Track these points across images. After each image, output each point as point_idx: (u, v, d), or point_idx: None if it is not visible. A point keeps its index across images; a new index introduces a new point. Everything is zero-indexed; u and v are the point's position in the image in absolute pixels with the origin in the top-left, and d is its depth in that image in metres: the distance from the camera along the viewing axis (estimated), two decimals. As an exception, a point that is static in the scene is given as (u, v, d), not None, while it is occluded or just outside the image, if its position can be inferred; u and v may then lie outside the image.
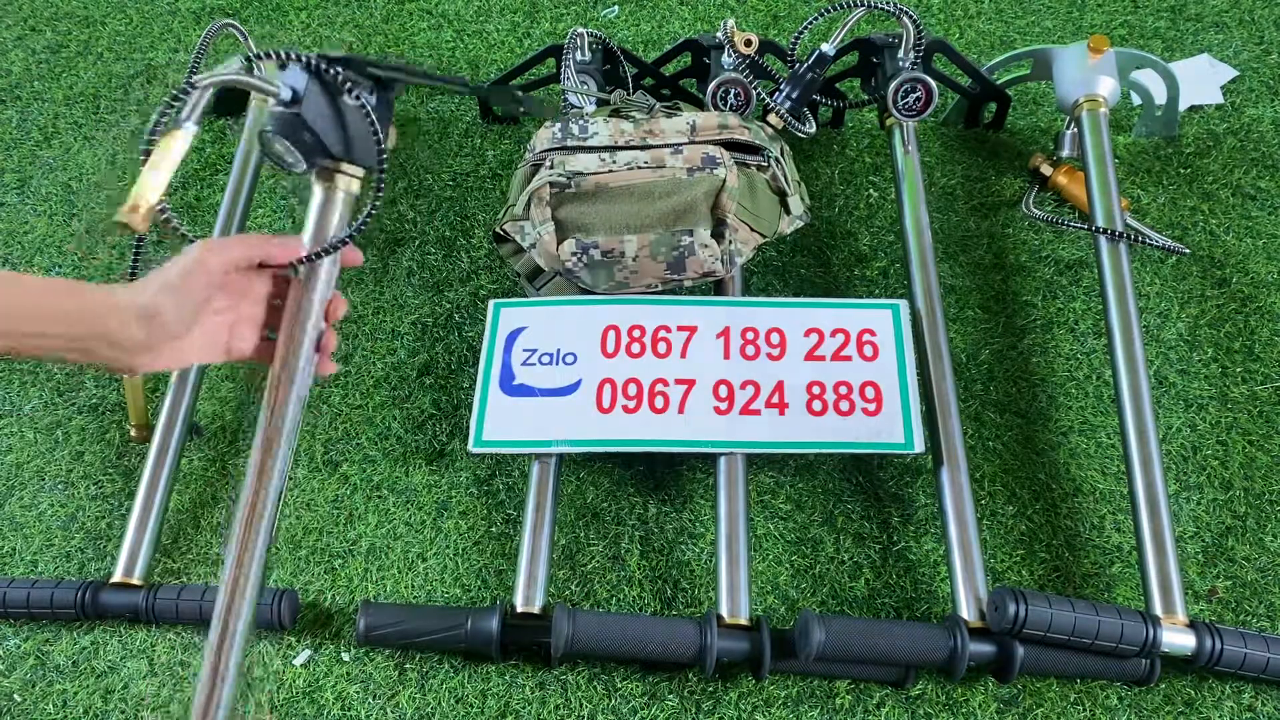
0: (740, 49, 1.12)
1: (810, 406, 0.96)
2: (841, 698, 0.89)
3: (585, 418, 0.96)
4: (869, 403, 0.96)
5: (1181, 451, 1.03)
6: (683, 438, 0.95)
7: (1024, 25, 1.42)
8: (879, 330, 1.00)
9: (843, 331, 0.99)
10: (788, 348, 0.99)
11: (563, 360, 0.99)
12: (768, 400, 0.96)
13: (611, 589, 0.96)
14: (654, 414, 0.96)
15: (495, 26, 1.46)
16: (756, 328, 1.00)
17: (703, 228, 0.99)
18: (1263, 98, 1.31)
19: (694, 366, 0.98)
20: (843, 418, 0.95)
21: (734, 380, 0.97)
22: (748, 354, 0.99)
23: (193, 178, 1.29)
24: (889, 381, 0.97)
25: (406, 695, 0.90)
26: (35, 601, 0.92)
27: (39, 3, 1.52)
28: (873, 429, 0.95)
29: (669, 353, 0.99)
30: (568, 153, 1.02)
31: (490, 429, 0.96)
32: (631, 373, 0.98)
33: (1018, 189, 1.25)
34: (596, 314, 1.01)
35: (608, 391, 0.97)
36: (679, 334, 1.00)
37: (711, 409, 0.96)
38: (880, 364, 0.98)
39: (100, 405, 1.09)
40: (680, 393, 0.97)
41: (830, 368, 0.98)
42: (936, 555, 0.98)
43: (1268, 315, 1.12)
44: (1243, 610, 0.93)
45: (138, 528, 0.94)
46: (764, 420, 0.95)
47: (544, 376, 0.98)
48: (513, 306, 1.03)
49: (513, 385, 0.99)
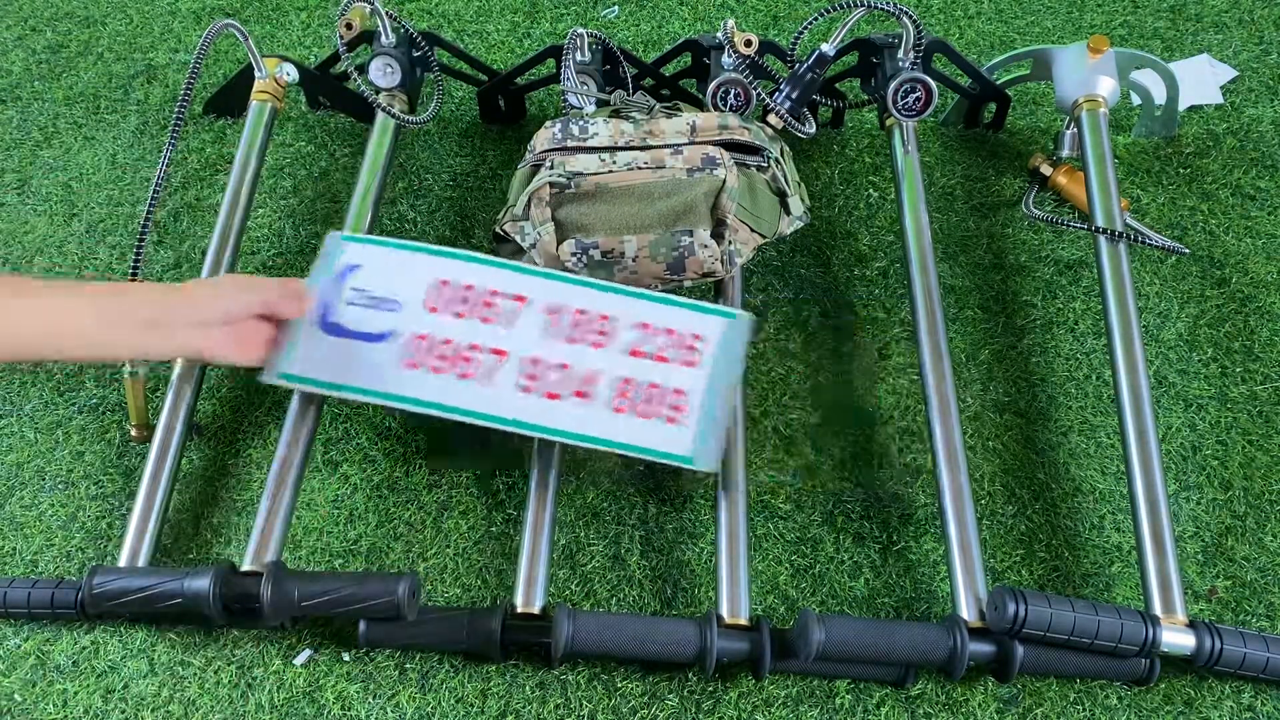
0: (740, 49, 1.12)
1: (614, 402, 0.92)
2: (841, 697, 0.89)
3: (389, 369, 0.93)
4: (672, 410, 0.91)
5: (1181, 451, 1.03)
6: (477, 409, 0.92)
7: (1024, 25, 1.42)
8: (707, 338, 0.95)
9: (671, 331, 0.95)
10: (613, 338, 0.94)
11: (385, 306, 0.96)
12: (574, 388, 0.92)
13: (611, 589, 0.97)
14: (457, 379, 0.93)
15: (495, 26, 1.46)
16: (588, 310, 0.95)
17: (702, 228, 0.99)
18: (1262, 98, 1.31)
19: (513, 338, 0.94)
20: (641, 420, 0.91)
21: (548, 360, 0.93)
22: (571, 336, 0.95)
23: (193, 178, 1.29)
24: (697, 392, 0.92)
25: (406, 695, 0.90)
26: (36, 601, 0.92)
27: (39, 3, 1.52)
28: (665, 438, 0.90)
29: (493, 319, 0.95)
30: (568, 153, 1.02)
31: (293, 362, 0.93)
32: (449, 333, 0.94)
33: (1017, 189, 1.25)
34: (433, 265, 0.98)
35: (420, 347, 0.94)
36: (510, 302, 0.96)
37: (515, 385, 0.92)
38: (697, 373, 0.93)
39: (100, 405, 1.09)
40: (491, 362, 0.93)
41: (647, 366, 0.93)
42: (936, 555, 0.98)
43: (1267, 315, 1.12)
44: (1242, 610, 0.93)
45: (138, 528, 0.94)
46: (563, 406, 0.92)
47: (362, 319, 0.95)
48: (355, 242, 1.00)
49: (329, 323, 0.95)
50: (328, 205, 1.27)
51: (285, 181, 1.29)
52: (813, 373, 1.10)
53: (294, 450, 0.96)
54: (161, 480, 0.97)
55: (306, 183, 1.29)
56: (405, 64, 1.20)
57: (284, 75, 1.23)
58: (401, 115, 1.18)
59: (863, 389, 1.09)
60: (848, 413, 1.07)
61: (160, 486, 0.97)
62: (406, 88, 1.22)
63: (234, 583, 0.88)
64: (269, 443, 1.06)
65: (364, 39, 1.22)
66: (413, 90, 1.24)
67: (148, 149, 1.33)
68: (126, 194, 1.28)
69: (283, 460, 0.96)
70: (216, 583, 0.86)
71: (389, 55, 1.20)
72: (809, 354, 1.12)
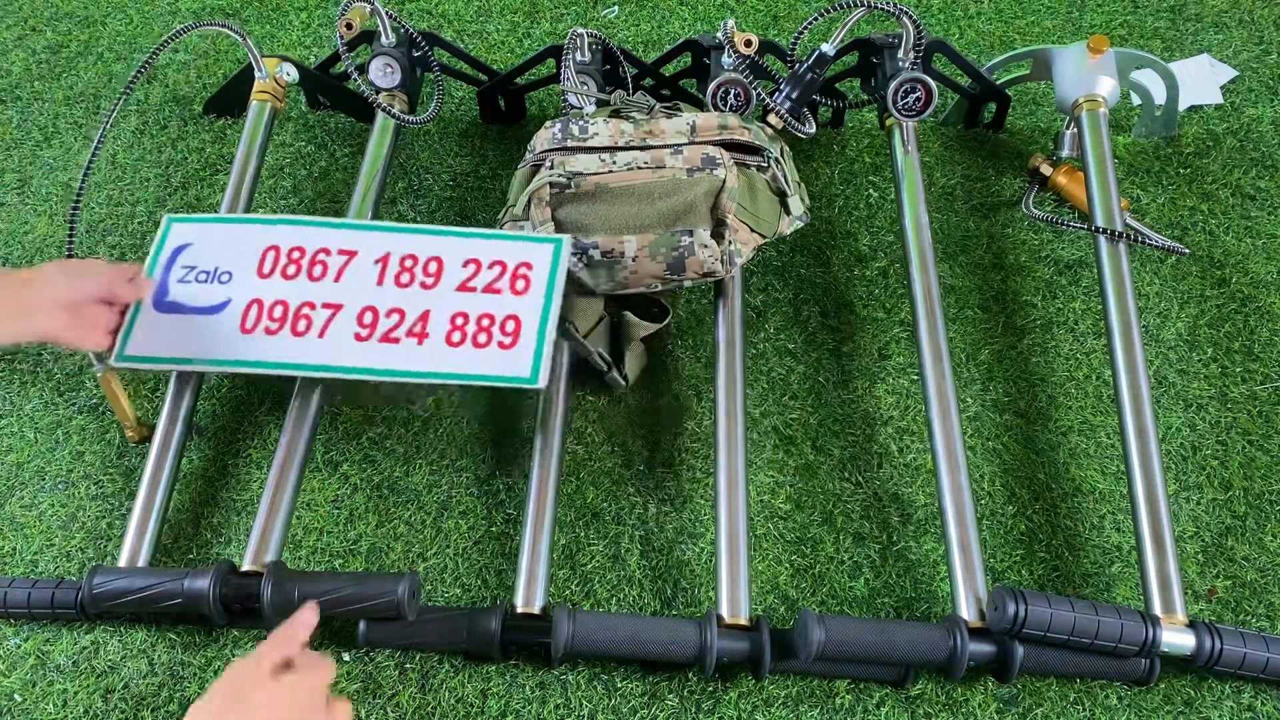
0: (740, 49, 1.12)
1: (450, 337, 0.95)
2: (841, 697, 0.89)
3: (227, 338, 0.96)
4: (506, 336, 0.94)
5: (1181, 451, 1.03)
6: (317, 362, 0.95)
7: (1024, 25, 1.42)
8: (536, 265, 0.97)
9: (500, 264, 0.98)
10: (443, 277, 0.97)
11: (217, 279, 0.99)
12: (409, 329, 0.95)
13: (611, 589, 0.97)
14: (294, 337, 0.96)
15: (495, 26, 1.46)
16: (417, 255, 0.99)
17: (702, 228, 0.99)
18: (1262, 98, 1.31)
19: (345, 291, 0.97)
20: (478, 350, 0.94)
21: (381, 308, 0.96)
22: (402, 281, 0.97)
23: (193, 178, 1.29)
24: (531, 316, 0.95)
25: (407, 695, 0.90)
26: (36, 602, 0.92)
27: (39, 3, 1.52)
28: (503, 362, 0.93)
29: (323, 276, 0.98)
30: (568, 153, 1.02)
31: (135, 344, 0.97)
32: (281, 294, 0.97)
33: (1017, 189, 1.25)
34: (260, 234, 1.01)
35: (254, 312, 0.97)
36: (338, 258, 0.99)
37: (352, 335, 0.95)
38: (528, 299, 0.96)
39: (100, 405, 1.09)
40: (325, 317, 0.96)
41: (479, 299, 0.96)
42: (936, 555, 0.98)
43: (1267, 315, 1.12)
44: (1242, 610, 0.93)
45: (138, 528, 0.94)
46: (401, 349, 0.95)
47: (196, 294, 0.98)
48: (184, 222, 1.03)
49: (165, 301, 0.98)
50: (328, 205, 1.27)
51: (285, 181, 1.29)
52: (812, 372, 1.10)
53: (294, 450, 0.96)
54: (161, 480, 0.97)
55: (306, 183, 1.29)
56: (405, 64, 1.20)
57: (284, 75, 1.23)
58: (402, 115, 1.18)
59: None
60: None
61: (160, 487, 0.97)
62: (407, 87, 1.22)
63: (234, 583, 0.88)
64: (269, 443, 1.06)
65: (364, 39, 1.22)
66: (413, 90, 1.24)
67: (148, 149, 1.33)
68: (126, 194, 1.28)
69: (283, 460, 0.96)
70: (216, 583, 0.86)
71: (389, 55, 1.20)
72: (809, 354, 1.12)
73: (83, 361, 1.12)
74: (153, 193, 1.28)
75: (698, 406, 1.08)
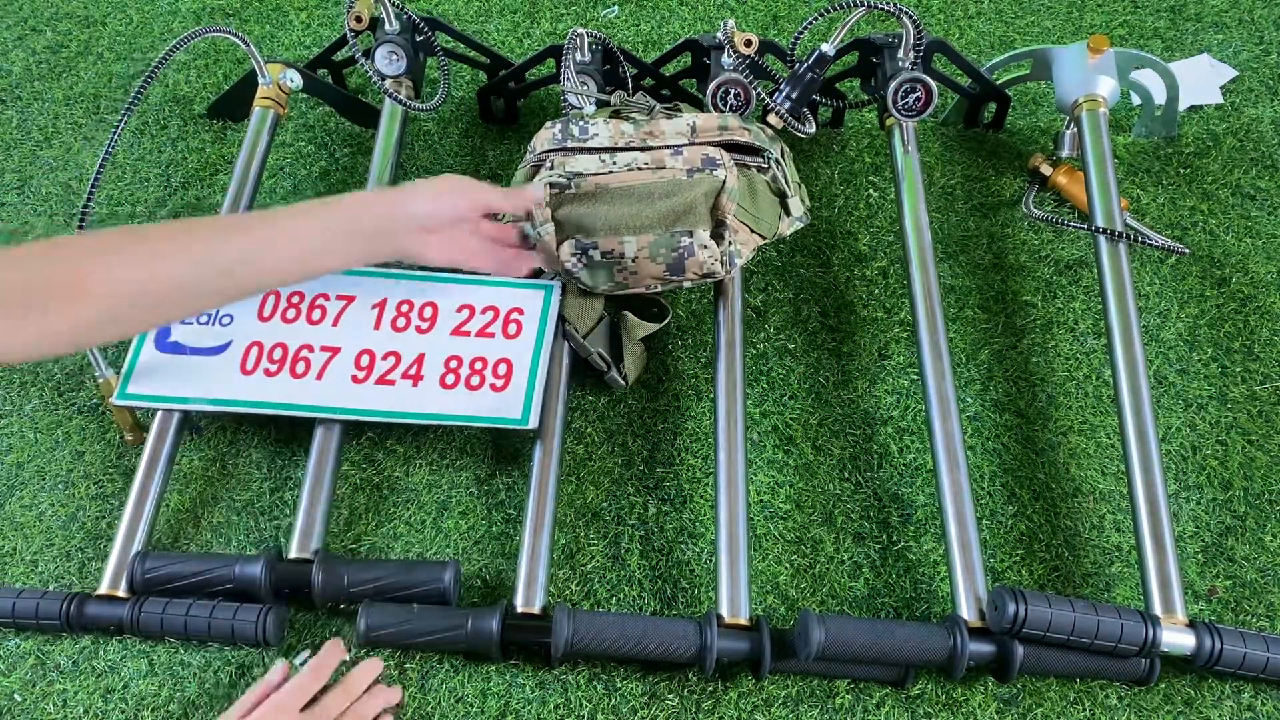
0: (740, 49, 1.12)
1: (444, 380, 0.99)
2: (841, 697, 0.89)
3: (227, 378, 0.99)
4: (499, 379, 0.99)
5: (1181, 451, 1.03)
6: (315, 403, 0.98)
7: (1024, 25, 1.42)
8: (528, 310, 1.02)
9: (493, 309, 1.02)
10: (438, 322, 1.02)
11: (219, 321, 1.02)
12: (405, 371, 0.99)
13: (611, 589, 0.97)
14: (292, 379, 0.99)
15: (495, 26, 1.46)
16: (413, 300, 1.03)
17: (702, 229, 0.99)
18: (1262, 98, 1.31)
19: (343, 335, 1.01)
20: (471, 392, 0.98)
21: (378, 350, 1.00)
22: (398, 325, 1.02)
23: (193, 178, 1.29)
24: (522, 360, 0.99)
25: (407, 695, 0.90)
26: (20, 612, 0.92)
27: (39, 3, 1.52)
28: (495, 404, 0.97)
29: (322, 320, 1.02)
30: (568, 154, 1.02)
31: (136, 383, 0.99)
32: (281, 337, 1.01)
33: (1017, 189, 1.25)
34: None
35: (254, 354, 1.00)
36: (336, 302, 1.03)
37: (349, 377, 0.99)
38: (520, 343, 1.00)
39: (100, 405, 1.09)
40: (323, 359, 1.00)
41: (472, 343, 1.01)
42: (936, 555, 0.98)
43: (1267, 315, 1.12)
44: (1242, 610, 0.93)
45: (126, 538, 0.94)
46: (396, 391, 0.98)
47: (198, 336, 1.02)
48: None
49: (167, 342, 1.02)
50: (328, 205, 1.27)
51: (285, 182, 1.29)
52: (812, 372, 1.10)
53: (329, 440, 0.99)
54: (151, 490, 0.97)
55: (306, 183, 1.29)
56: (409, 50, 1.21)
57: (288, 82, 1.23)
58: (408, 101, 1.19)
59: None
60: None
61: (150, 496, 0.96)
62: (412, 74, 1.23)
63: (283, 569, 0.92)
64: (269, 442, 1.07)
65: (369, 28, 1.23)
66: (417, 77, 1.26)
67: (148, 149, 1.33)
68: (126, 194, 1.28)
69: (320, 450, 0.98)
70: (267, 568, 0.90)
71: (393, 42, 1.20)
72: (809, 354, 1.12)
73: (83, 361, 1.13)
74: (153, 193, 1.28)
75: (698, 406, 1.08)
